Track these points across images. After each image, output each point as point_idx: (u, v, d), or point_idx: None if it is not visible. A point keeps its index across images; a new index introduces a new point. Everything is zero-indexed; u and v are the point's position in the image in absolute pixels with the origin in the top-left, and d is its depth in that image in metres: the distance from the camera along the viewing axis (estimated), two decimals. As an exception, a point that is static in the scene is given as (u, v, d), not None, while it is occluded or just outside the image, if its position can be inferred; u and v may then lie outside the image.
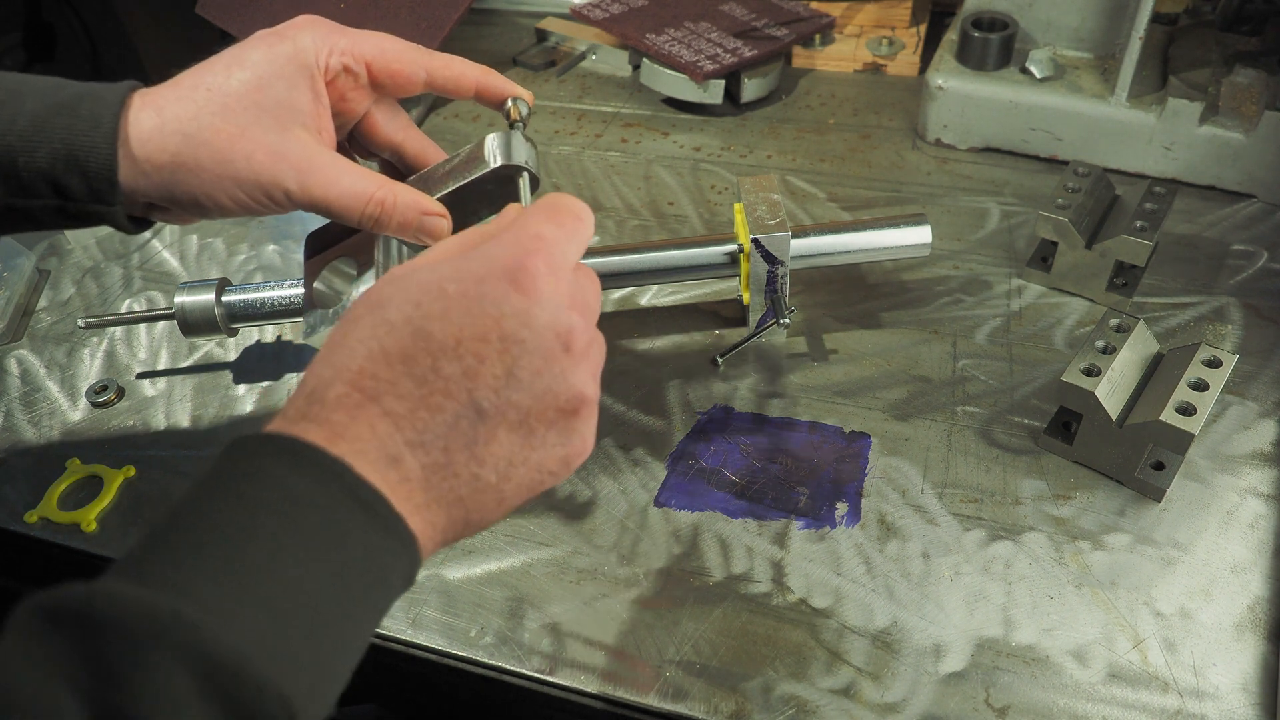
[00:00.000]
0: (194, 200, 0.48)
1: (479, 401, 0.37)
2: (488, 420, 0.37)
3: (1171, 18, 0.84)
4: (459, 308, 0.37)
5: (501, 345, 0.37)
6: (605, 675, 0.52)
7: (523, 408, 0.38)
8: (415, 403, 0.36)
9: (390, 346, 0.36)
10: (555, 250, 0.39)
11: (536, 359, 0.37)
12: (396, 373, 0.36)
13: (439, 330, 0.36)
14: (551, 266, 0.39)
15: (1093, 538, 0.56)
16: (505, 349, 0.37)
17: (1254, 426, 0.61)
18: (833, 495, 0.59)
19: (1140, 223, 0.65)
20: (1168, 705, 0.48)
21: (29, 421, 0.70)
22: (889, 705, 0.49)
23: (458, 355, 0.36)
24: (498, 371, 0.37)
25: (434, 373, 0.36)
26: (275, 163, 0.47)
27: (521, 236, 0.39)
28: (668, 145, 0.89)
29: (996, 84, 0.81)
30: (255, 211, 0.49)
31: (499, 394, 0.37)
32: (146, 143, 0.47)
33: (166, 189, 0.48)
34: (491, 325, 0.37)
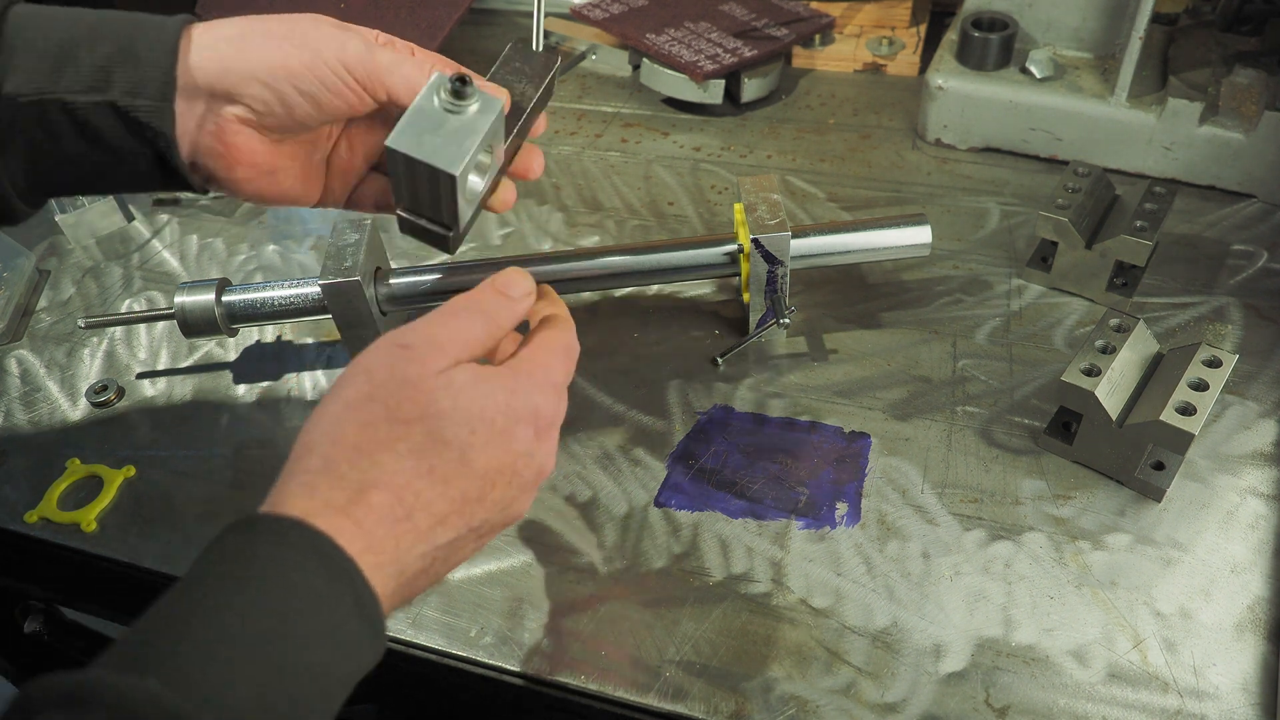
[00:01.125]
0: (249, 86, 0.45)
1: (477, 523, 0.41)
2: (472, 536, 0.42)
3: (1171, 18, 0.84)
4: (498, 443, 0.41)
5: (509, 478, 0.42)
6: (605, 675, 0.52)
7: (493, 525, 0.43)
8: (437, 521, 0.40)
9: (437, 466, 0.39)
10: (561, 396, 0.45)
11: (519, 491, 0.43)
12: (435, 493, 0.39)
13: (480, 460, 0.41)
14: (557, 412, 0.44)
15: (1093, 538, 0.56)
16: (510, 481, 0.42)
17: (1254, 426, 0.61)
18: (833, 495, 0.59)
19: (1140, 223, 0.65)
20: (1168, 705, 0.48)
21: (29, 421, 0.70)
22: (889, 705, 0.49)
23: (484, 481, 0.41)
24: (497, 499, 0.42)
25: (461, 496, 0.40)
26: (340, 31, 0.47)
27: (547, 385, 0.44)
28: (668, 145, 0.89)
29: (996, 84, 0.81)
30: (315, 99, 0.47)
31: (490, 515, 0.42)
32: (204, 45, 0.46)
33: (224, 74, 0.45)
34: (511, 462, 0.42)
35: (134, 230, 0.86)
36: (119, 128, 0.45)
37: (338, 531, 0.36)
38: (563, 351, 0.46)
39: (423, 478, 0.39)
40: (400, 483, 0.38)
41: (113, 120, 0.45)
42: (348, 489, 0.38)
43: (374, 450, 0.39)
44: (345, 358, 0.71)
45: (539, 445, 0.43)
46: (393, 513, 0.38)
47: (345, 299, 0.63)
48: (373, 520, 0.37)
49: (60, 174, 0.47)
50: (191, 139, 0.47)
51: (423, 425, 0.39)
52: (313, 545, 0.35)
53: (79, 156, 0.46)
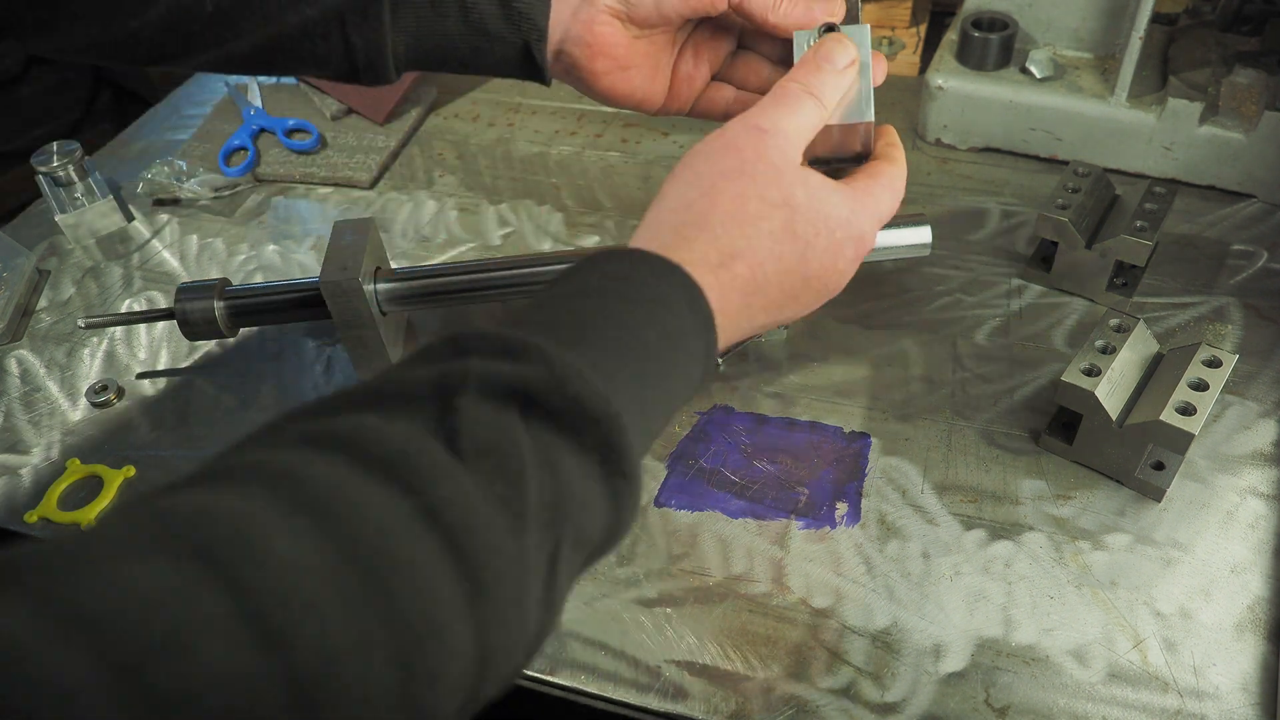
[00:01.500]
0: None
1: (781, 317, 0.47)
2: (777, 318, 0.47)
3: (1171, 18, 0.84)
4: (830, 252, 0.45)
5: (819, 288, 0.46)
6: (605, 675, 0.52)
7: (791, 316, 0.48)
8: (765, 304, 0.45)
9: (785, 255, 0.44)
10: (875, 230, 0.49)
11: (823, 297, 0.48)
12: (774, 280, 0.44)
13: (813, 263, 0.45)
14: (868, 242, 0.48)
15: (1093, 538, 0.56)
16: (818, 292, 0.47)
17: (1254, 426, 0.61)
18: (833, 495, 0.59)
19: (1140, 223, 0.65)
20: (1168, 705, 0.48)
21: (29, 421, 0.70)
22: (889, 705, 0.49)
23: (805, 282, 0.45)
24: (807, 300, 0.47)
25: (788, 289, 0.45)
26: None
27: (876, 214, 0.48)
28: (668, 145, 0.89)
29: (996, 84, 0.81)
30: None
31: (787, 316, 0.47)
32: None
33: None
34: (830, 274, 0.46)
35: (134, 230, 0.86)
36: (499, 15, 0.50)
37: (707, 287, 0.41)
38: (893, 189, 0.49)
39: (772, 261, 0.43)
40: (757, 260, 0.43)
41: (495, 8, 0.50)
42: (720, 252, 0.42)
43: (744, 222, 0.43)
44: (345, 358, 0.71)
45: (850, 268, 0.48)
46: (745, 285, 0.43)
47: (345, 299, 0.63)
48: (731, 286, 0.42)
49: (436, 50, 0.52)
50: (565, 27, 0.51)
51: (783, 212, 0.44)
52: (686, 290, 0.40)
53: (458, 36, 0.51)
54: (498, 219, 0.83)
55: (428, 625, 0.27)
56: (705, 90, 0.57)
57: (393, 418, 0.31)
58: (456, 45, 0.51)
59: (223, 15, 0.49)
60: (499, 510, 0.30)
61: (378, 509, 0.28)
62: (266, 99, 0.97)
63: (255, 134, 0.93)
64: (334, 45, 0.51)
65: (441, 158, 0.91)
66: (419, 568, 0.28)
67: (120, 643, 0.22)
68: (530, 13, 0.49)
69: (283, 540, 0.26)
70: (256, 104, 0.96)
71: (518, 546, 0.31)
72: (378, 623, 0.26)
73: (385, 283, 0.66)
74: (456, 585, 0.29)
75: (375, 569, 0.27)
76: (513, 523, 0.31)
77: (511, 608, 0.31)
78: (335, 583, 0.26)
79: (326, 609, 0.25)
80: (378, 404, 0.32)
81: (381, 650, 0.26)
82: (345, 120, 0.94)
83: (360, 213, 0.86)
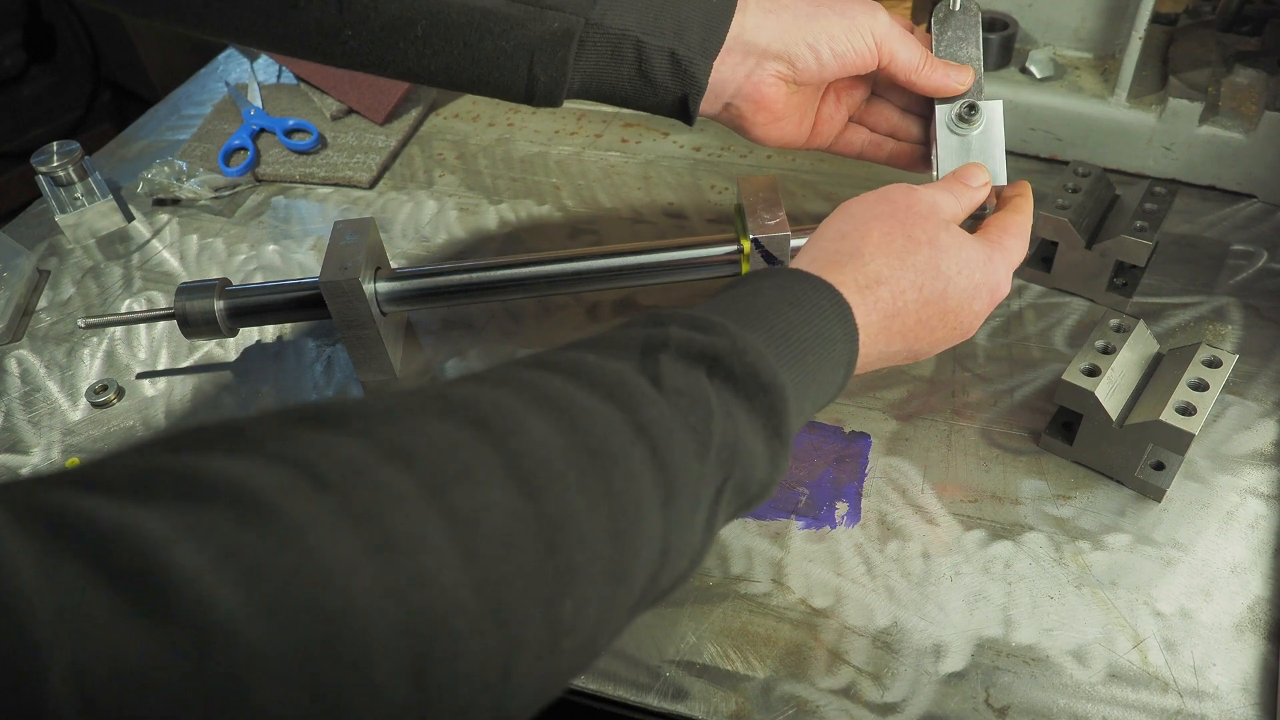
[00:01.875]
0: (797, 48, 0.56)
1: (918, 348, 0.51)
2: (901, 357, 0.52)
3: (1171, 18, 0.84)
4: (967, 293, 0.51)
5: (953, 327, 0.52)
6: (605, 675, 0.52)
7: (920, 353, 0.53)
8: (901, 331, 0.50)
9: (926, 286, 0.49)
10: (1009, 279, 0.54)
11: (956, 338, 0.53)
12: (913, 309, 0.49)
13: (952, 299, 0.50)
14: (1003, 290, 0.53)
15: (1093, 538, 0.56)
16: (952, 331, 0.52)
17: (1254, 426, 0.61)
18: (833, 495, 0.59)
19: (1140, 223, 0.65)
20: (1168, 705, 0.48)
21: (29, 421, 0.70)
22: (889, 705, 0.49)
23: (944, 317, 0.51)
24: (941, 336, 0.52)
25: (926, 319, 0.50)
26: (869, 4, 0.58)
27: (1009, 266, 0.54)
28: (668, 145, 0.89)
29: (996, 84, 0.81)
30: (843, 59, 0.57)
31: (928, 344, 0.52)
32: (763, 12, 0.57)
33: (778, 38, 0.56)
34: (965, 315, 0.52)
35: (134, 230, 0.86)
36: (668, 70, 0.56)
37: (853, 304, 0.47)
38: (1023, 238, 0.55)
39: (914, 291, 0.49)
40: (900, 288, 0.49)
41: (666, 64, 0.56)
42: (866, 277, 0.48)
43: (890, 254, 0.49)
44: (345, 358, 0.71)
45: (985, 310, 0.53)
46: (887, 308, 0.48)
47: (345, 299, 0.64)
48: (874, 307, 0.48)
49: (605, 88, 0.58)
50: (737, 85, 0.57)
51: (928, 250, 0.50)
52: (835, 303, 0.46)
53: (628, 81, 0.57)
54: (498, 219, 0.83)
55: (635, 508, 0.35)
56: (842, 131, 0.64)
57: (607, 359, 0.39)
58: (624, 87, 0.57)
59: (430, 37, 0.54)
60: (690, 437, 0.37)
61: (601, 416, 0.35)
62: (266, 99, 0.97)
63: (255, 134, 0.93)
64: (519, 75, 0.56)
65: (441, 158, 0.91)
66: (631, 464, 0.35)
67: (429, 470, 0.30)
68: (694, 71, 0.56)
69: (534, 423, 0.34)
70: (256, 104, 0.96)
71: (700, 470, 0.37)
72: (602, 496, 0.33)
73: (385, 283, 0.66)
74: (655, 486, 0.35)
75: (599, 458, 0.34)
76: (699, 449, 0.37)
77: (688, 516, 0.37)
78: (572, 460, 0.33)
79: (566, 476, 0.33)
80: (594, 349, 0.40)
81: (603, 517, 0.33)
82: (345, 120, 0.94)
83: (360, 213, 0.86)
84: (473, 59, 0.55)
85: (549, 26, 0.54)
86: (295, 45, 0.56)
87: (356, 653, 0.25)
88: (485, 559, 0.29)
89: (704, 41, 0.56)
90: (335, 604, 0.25)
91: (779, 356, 0.43)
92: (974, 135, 0.59)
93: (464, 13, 0.53)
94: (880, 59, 0.58)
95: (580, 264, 0.66)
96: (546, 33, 0.54)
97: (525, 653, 0.30)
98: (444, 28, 0.54)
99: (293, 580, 0.25)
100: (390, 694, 0.26)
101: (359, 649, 0.25)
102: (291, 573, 0.25)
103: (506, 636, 0.30)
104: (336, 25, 0.54)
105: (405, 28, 0.54)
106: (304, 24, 0.54)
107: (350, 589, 0.26)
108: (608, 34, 0.55)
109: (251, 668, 0.23)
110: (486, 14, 0.53)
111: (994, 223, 0.55)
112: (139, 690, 0.22)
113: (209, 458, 0.27)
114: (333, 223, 0.67)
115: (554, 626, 0.32)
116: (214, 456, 0.28)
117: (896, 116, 0.63)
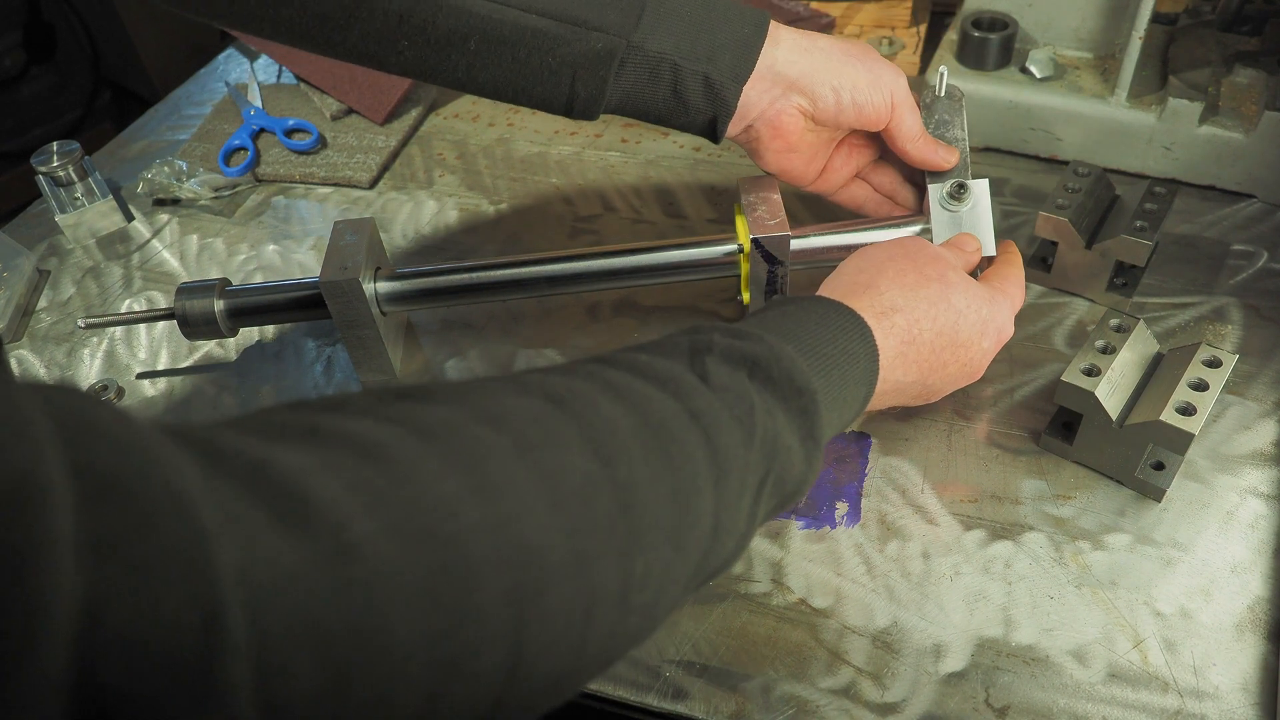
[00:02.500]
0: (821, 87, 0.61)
1: (930, 380, 0.55)
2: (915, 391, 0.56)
3: (1171, 18, 0.84)
4: (976, 330, 0.55)
5: (962, 365, 0.56)
6: (605, 675, 0.52)
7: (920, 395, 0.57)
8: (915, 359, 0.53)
9: (939, 318, 0.54)
10: (1012, 322, 0.59)
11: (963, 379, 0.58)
12: (927, 339, 0.53)
13: (963, 331, 0.55)
14: (1008, 331, 0.59)
15: (1093, 538, 0.56)
16: (960, 370, 0.57)
17: (1254, 426, 0.61)
18: (833, 495, 0.59)
19: (1140, 223, 0.65)
20: (1168, 705, 0.48)
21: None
22: (889, 705, 0.49)
23: (954, 352, 0.55)
24: (951, 373, 0.56)
25: (937, 351, 0.54)
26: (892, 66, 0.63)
27: (1013, 310, 0.59)
28: (668, 145, 0.89)
29: (996, 84, 0.81)
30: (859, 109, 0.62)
31: (939, 381, 0.56)
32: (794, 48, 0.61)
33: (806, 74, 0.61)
34: (972, 352, 0.56)
35: (134, 230, 0.86)
36: (701, 92, 0.60)
37: (875, 328, 0.51)
38: (1019, 284, 0.60)
39: (928, 321, 0.53)
40: (914, 317, 0.53)
41: (700, 85, 0.59)
42: (883, 305, 0.52)
43: (904, 287, 0.53)
44: (345, 358, 0.71)
45: (993, 349, 0.57)
46: (904, 334, 0.52)
47: (345, 299, 0.64)
48: (891, 333, 0.52)
49: (640, 105, 0.61)
50: (761, 109, 0.61)
51: (939, 284, 0.54)
52: (857, 325, 0.50)
53: (662, 101, 0.60)
54: (498, 219, 0.83)
55: (692, 483, 0.38)
56: (848, 184, 0.69)
57: (658, 357, 0.43)
58: (659, 106, 0.61)
59: (481, 51, 0.57)
60: (737, 426, 0.41)
61: (659, 402, 0.39)
62: (266, 99, 0.97)
63: (255, 134, 0.93)
64: (561, 90, 0.59)
65: (441, 158, 0.91)
66: (687, 445, 0.38)
67: (516, 432, 0.34)
68: (724, 94, 0.60)
69: (602, 403, 0.37)
70: (256, 104, 0.96)
71: (746, 457, 0.41)
72: (664, 469, 0.37)
73: (385, 282, 0.66)
74: (708, 467, 0.39)
75: (660, 436, 0.38)
76: (745, 438, 0.41)
77: (736, 499, 0.40)
78: (638, 437, 0.37)
79: (632, 449, 0.36)
80: (645, 350, 0.44)
81: (665, 488, 0.37)
82: (345, 120, 0.94)
83: (360, 213, 0.86)
84: (519, 73, 0.58)
85: (593, 46, 0.57)
86: (351, 52, 0.58)
87: (464, 575, 0.29)
88: (569, 509, 0.33)
89: (735, 68, 0.59)
90: (447, 530, 0.29)
91: (810, 366, 0.46)
92: (964, 211, 0.63)
93: (515, 30, 0.56)
94: (892, 119, 0.63)
95: (580, 264, 0.66)
96: (590, 52, 0.57)
97: (603, 599, 0.34)
98: (495, 43, 0.57)
99: (411, 509, 0.29)
100: (491, 617, 0.30)
101: (466, 572, 0.29)
102: (409, 503, 0.29)
103: (588, 581, 0.33)
104: (395, 36, 0.57)
105: (459, 42, 0.57)
106: (365, 32, 0.56)
107: (458, 520, 0.30)
108: (647, 56, 0.58)
109: (381, 579, 0.27)
110: (536, 32, 0.56)
111: (991, 274, 0.60)
112: (292, 590, 0.25)
113: (325, 418, 0.32)
114: (333, 223, 0.67)
115: (627, 579, 0.35)
116: (328, 417, 0.32)
117: (898, 183, 0.68)
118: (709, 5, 0.60)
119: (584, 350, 0.70)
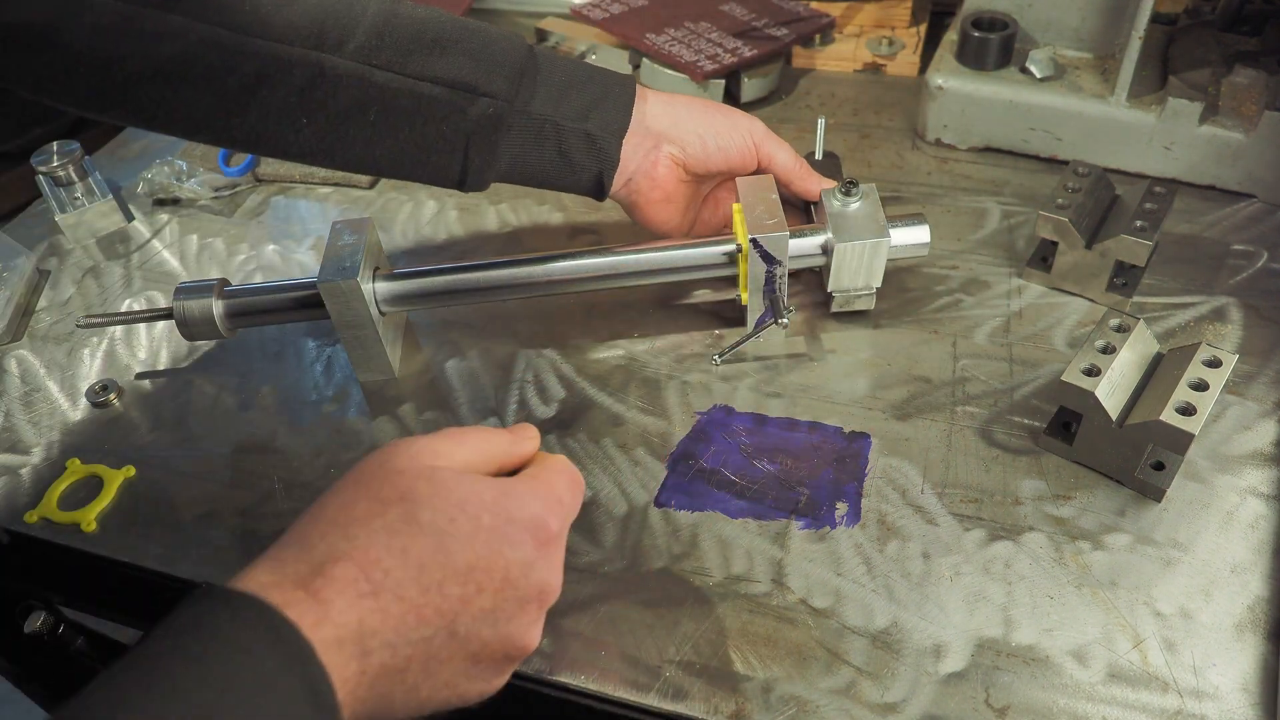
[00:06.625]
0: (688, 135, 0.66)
1: (458, 627, 0.40)
2: (454, 643, 0.40)
3: (1171, 18, 0.84)
4: (485, 540, 0.41)
5: (501, 584, 0.41)
6: (605, 675, 0.52)
7: (484, 641, 0.41)
8: (409, 608, 0.38)
9: (411, 547, 0.39)
10: (567, 515, 0.46)
11: (515, 607, 0.41)
12: (408, 575, 0.38)
13: (460, 552, 0.40)
14: (562, 529, 0.45)
15: (1093, 538, 0.56)
16: (501, 589, 0.41)
17: (1254, 426, 0.61)
18: (833, 495, 0.59)
19: (1140, 223, 0.65)
20: (1168, 705, 0.48)
21: (29, 421, 0.70)
22: (889, 705, 0.49)
23: (464, 580, 0.40)
24: (486, 605, 0.40)
25: (438, 588, 0.39)
26: (748, 115, 0.69)
27: (549, 497, 0.45)
28: (668, 145, 0.89)
29: (996, 84, 0.81)
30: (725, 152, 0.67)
31: (476, 624, 0.40)
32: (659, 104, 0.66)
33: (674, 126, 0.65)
34: (502, 566, 0.41)
35: (134, 230, 0.86)
36: (584, 148, 0.63)
37: (292, 604, 0.36)
38: (568, 475, 0.47)
39: (394, 555, 0.39)
40: (369, 558, 0.38)
41: (582, 142, 0.63)
42: (312, 561, 0.38)
43: (347, 524, 0.39)
44: (345, 358, 0.71)
45: (540, 557, 0.42)
46: (356, 586, 0.37)
47: (344, 299, 0.63)
48: (332, 591, 0.37)
49: (527, 169, 0.64)
50: (637, 163, 0.65)
51: (400, 507, 0.40)
52: (266, 622, 0.35)
53: (548, 162, 0.63)
54: (498, 219, 0.83)
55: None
56: (717, 234, 0.70)
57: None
58: (545, 169, 0.63)
59: (379, 124, 0.59)
60: None
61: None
62: (266, 99, 0.97)
63: (255, 134, 0.93)
64: (455, 158, 0.61)
65: (441, 158, 0.91)
66: None
67: None
68: (607, 148, 0.63)
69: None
70: (256, 104, 0.96)
71: None
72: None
73: (384, 283, 0.66)
74: None
75: None
76: None
77: None
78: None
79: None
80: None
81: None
82: (345, 120, 0.94)
83: (360, 213, 0.86)
84: (416, 143, 0.60)
85: (484, 111, 0.60)
86: (249, 135, 0.59)
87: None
88: None
89: (613, 123, 0.63)
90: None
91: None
92: (857, 204, 0.66)
93: (412, 98, 0.59)
94: (760, 159, 0.68)
95: (580, 264, 0.66)
96: (481, 117, 0.60)
97: None
98: (394, 113, 0.59)
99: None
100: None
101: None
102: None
103: None
104: (295, 113, 0.58)
105: (359, 114, 0.59)
106: (264, 111, 0.57)
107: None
108: (531, 119, 0.62)
109: None
110: (431, 100, 0.59)
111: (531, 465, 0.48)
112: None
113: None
114: (331, 223, 0.67)
115: None
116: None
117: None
118: (581, 69, 0.63)
119: (584, 349, 0.71)
